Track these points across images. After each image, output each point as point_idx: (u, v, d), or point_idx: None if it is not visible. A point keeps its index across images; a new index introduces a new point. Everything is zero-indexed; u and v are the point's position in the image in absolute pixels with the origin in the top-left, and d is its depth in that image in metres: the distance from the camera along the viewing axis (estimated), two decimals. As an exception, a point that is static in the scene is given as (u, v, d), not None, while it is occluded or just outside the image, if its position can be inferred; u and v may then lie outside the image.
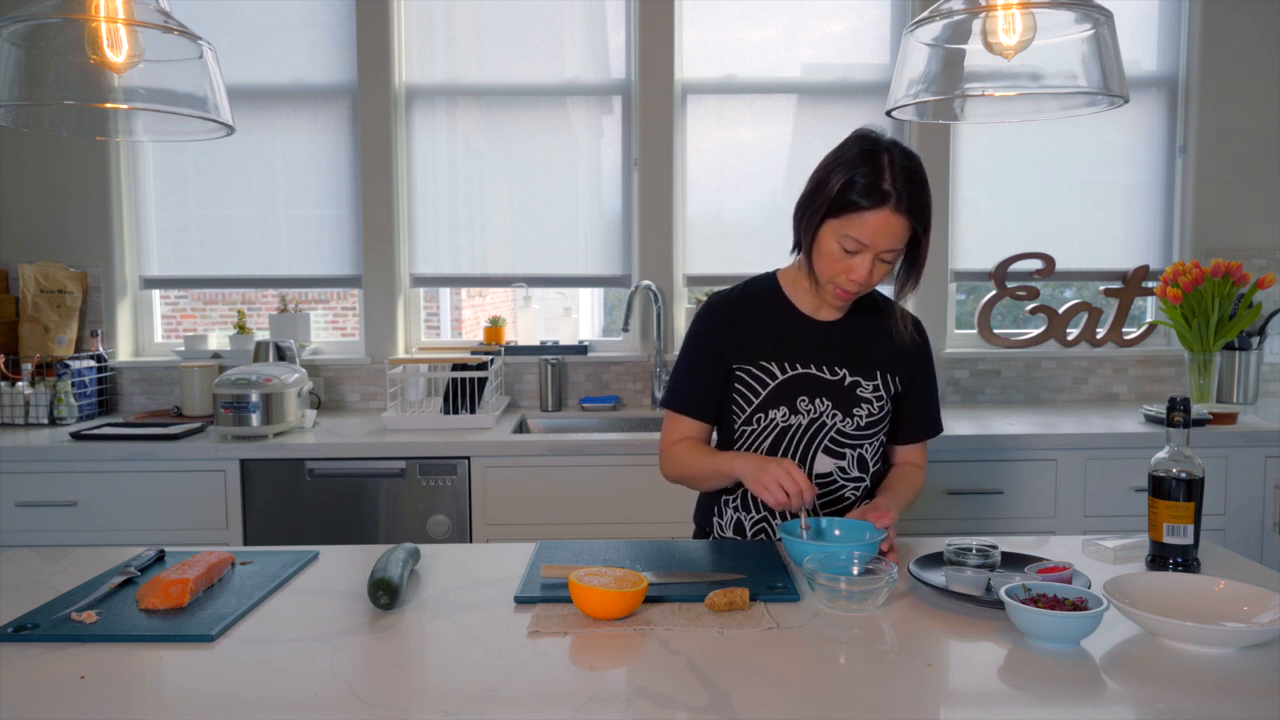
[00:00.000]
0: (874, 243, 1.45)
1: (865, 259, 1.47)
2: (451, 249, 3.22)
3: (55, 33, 1.42)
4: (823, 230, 1.49)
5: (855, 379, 1.59)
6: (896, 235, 1.45)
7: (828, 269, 1.51)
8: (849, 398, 1.59)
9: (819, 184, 1.49)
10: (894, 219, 1.43)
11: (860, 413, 1.59)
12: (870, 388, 1.60)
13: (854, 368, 1.60)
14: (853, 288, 1.51)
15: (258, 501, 2.54)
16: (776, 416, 1.58)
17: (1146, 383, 3.21)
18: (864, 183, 1.43)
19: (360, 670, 1.08)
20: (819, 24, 3.17)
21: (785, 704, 0.99)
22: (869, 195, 1.43)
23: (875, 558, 1.33)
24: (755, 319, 1.62)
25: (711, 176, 3.19)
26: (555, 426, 3.01)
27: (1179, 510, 1.39)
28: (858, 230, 1.45)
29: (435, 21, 3.15)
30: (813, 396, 1.58)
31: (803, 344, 1.60)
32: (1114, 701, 1.00)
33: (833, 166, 1.48)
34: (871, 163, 1.44)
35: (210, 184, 3.18)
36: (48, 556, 1.53)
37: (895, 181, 1.43)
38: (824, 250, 1.50)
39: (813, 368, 1.59)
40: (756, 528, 1.65)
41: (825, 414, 1.58)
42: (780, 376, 1.58)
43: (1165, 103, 3.19)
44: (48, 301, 3.02)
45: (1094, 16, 1.48)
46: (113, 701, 1.01)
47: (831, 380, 1.59)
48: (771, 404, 1.58)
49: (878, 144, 1.47)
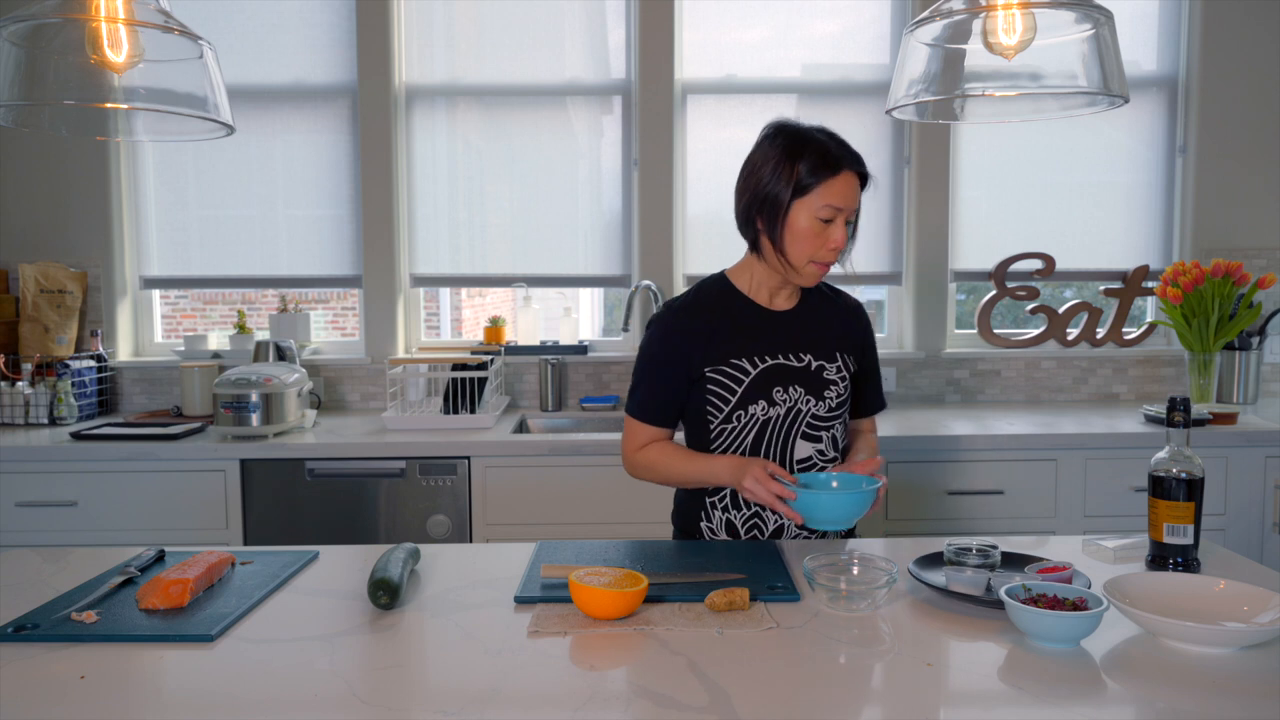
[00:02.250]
0: (847, 204, 1.55)
1: (839, 224, 1.55)
2: (451, 249, 3.22)
3: (55, 33, 1.42)
4: (793, 212, 1.55)
5: (820, 363, 1.65)
6: (857, 193, 1.57)
7: (805, 248, 1.56)
8: (818, 381, 1.64)
9: (764, 180, 1.56)
10: (852, 178, 1.55)
11: (830, 394, 1.65)
12: (834, 370, 1.66)
13: (817, 352, 1.66)
14: (832, 257, 1.57)
15: (258, 501, 2.54)
16: (756, 411, 1.62)
17: (1146, 383, 3.21)
18: (816, 160, 1.53)
19: (360, 670, 1.08)
20: (818, 24, 3.17)
21: (785, 704, 0.99)
22: (828, 164, 1.53)
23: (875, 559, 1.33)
24: (718, 321, 1.65)
25: (711, 176, 3.19)
26: (555, 426, 3.01)
27: (1179, 510, 1.39)
28: (831, 197, 1.53)
29: (435, 21, 3.15)
30: (786, 386, 1.62)
31: (768, 336, 1.65)
32: (1114, 701, 1.00)
33: (773, 162, 1.56)
34: (810, 141, 1.55)
35: (210, 184, 3.18)
36: (48, 556, 1.53)
37: (838, 148, 1.55)
38: (799, 230, 1.55)
39: (781, 357, 1.63)
40: (749, 525, 1.66)
41: (799, 400, 1.63)
42: (753, 371, 1.62)
43: (1165, 103, 3.19)
44: (48, 301, 3.02)
45: (1094, 16, 1.48)
46: (113, 701, 1.01)
47: (799, 367, 1.64)
48: (749, 399, 1.62)
49: (799, 127, 1.58)
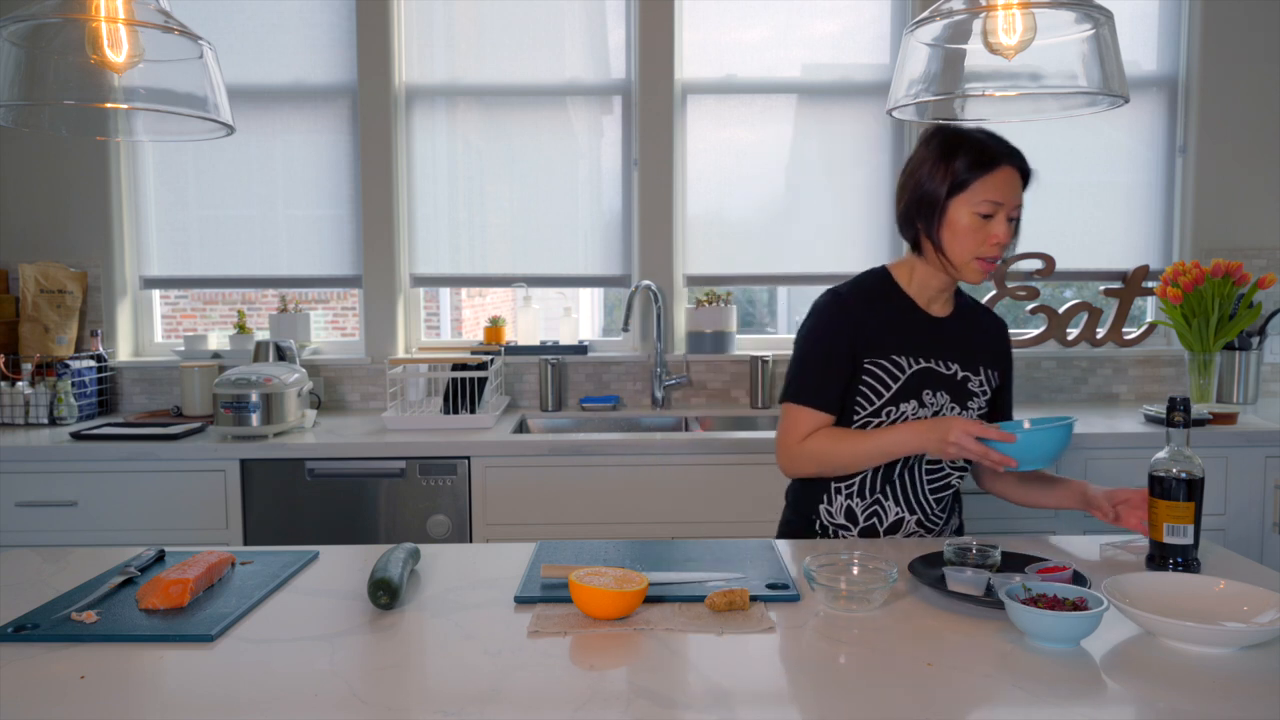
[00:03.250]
0: (1007, 199, 1.55)
1: (1001, 219, 1.56)
2: (451, 249, 3.22)
3: (55, 33, 1.42)
4: (951, 210, 1.57)
5: (966, 374, 1.67)
6: (1018, 188, 1.58)
7: (967, 245, 1.57)
8: (963, 391, 1.67)
9: (921, 181, 1.59)
10: (1012, 173, 1.56)
11: (972, 405, 1.67)
12: (977, 382, 1.68)
13: (964, 363, 1.67)
14: (996, 252, 1.58)
15: (258, 501, 2.54)
16: (907, 410, 1.63)
17: (1146, 383, 3.21)
18: (973, 157, 1.55)
19: (360, 670, 1.08)
20: (818, 24, 3.17)
21: (785, 704, 0.99)
22: (985, 160, 1.55)
23: (875, 559, 1.33)
24: (882, 314, 1.66)
25: (711, 176, 3.19)
26: (555, 426, 3.01)
27: (1179, 510, 1.39)
28: (990, 192, 1.54)
29: (435, 21, 3.15)
30: (934, 390, 1.64)
31: (923, 339, 1.66)
32: (1114, 701, 1.00)
33: (930, 163, 1.58)
34: (967, 141, 1.56)
35: (210, 184, 3.18)
36: (48, 556, 1.53)
37: (997, 145, 1.56)
38: (959, 228, 1.57)
39: (933, 362, 1.65)
40: (869, 512, 1.67)
41: (944, 407, 1.65)
42: (909, 370, 1.63)
43: (1165, 103, 3.19)
44: (48, 301, 3.02)
45: (1094, 16, 1.48)
46: (113, 701, 1.01)
47: (947, 374, 1.66)
48: (902, 397, 1.63)
49: (958, 129, 1.60)
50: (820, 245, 3.21)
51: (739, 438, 2.54)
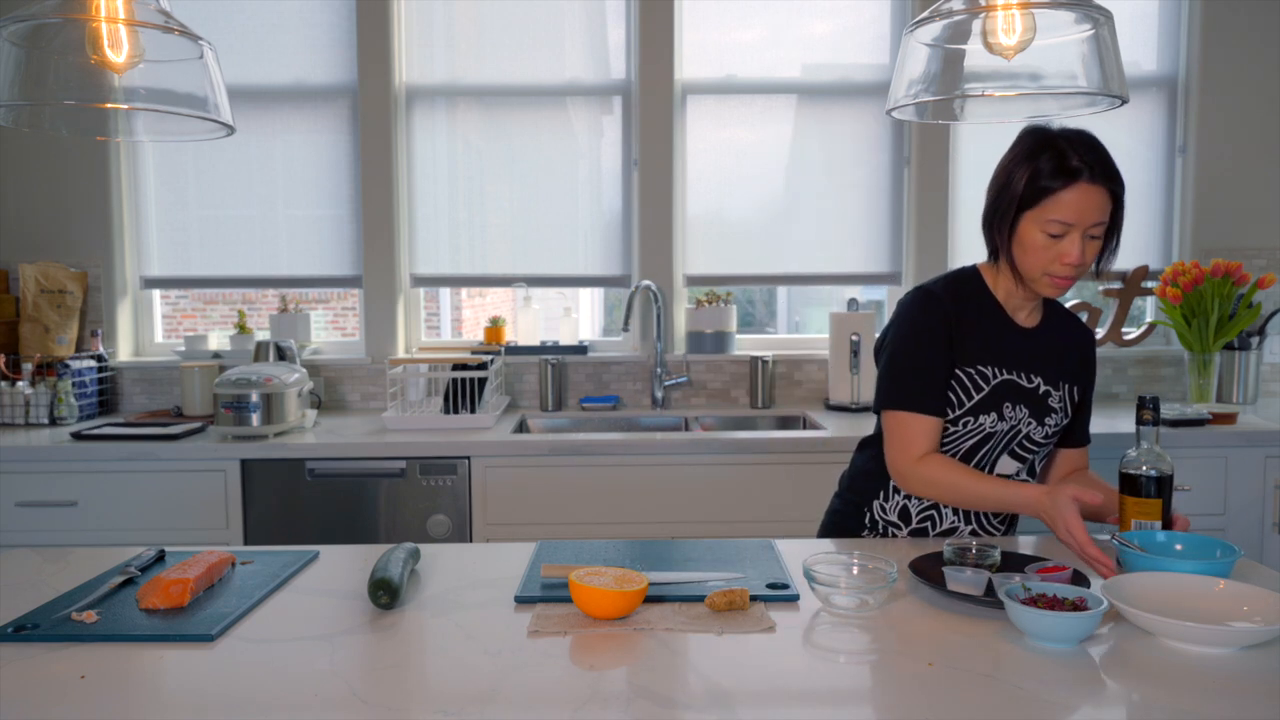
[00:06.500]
0: (1079, 220, 1.46)
1: (1074, 239, 1.47)
2: (451, 249, 3.22)
3: (55, 33, 1.42)
4: (1021, 225, 1.50)
5: (1048, 389, 1.59)
6: (1098, 207, 1.47)
7: (1036, 262, 1.50)
8: (1043, 407, 1.58)
9: (1003, 185, 1.52)
10: (1091, 190, 1.45)
11: (1050, 421, 1.59)
12: (1057, 398, 1.60)
13: (1046, 377, 1.60)
14: (1068, 271, 1.49)
15: (258, 501, 2.54)
16: (985, 422, 1.56)
17: (1146, 383, 3.21)
18: (1051, 166, 1.46)
19: (360, 670, 1.08)
20: (818, 24, 3.17)
21: (785, 704, 0.99)
22: (1059, 175, 1.45)
23: (875, 559, 1.33)
24: (972, 318, 1.58)
25: (711, 176, 3.19)
26: (555, 426, 3.01)
27: (1146, 506, 1.41)
28: (1058, 212, 1.46)
29: (435, 21, 3.15)
30: (1015, 403, 1.57)
31: (1009, 349, 1.59)
32: (1114, 701, 1.00)
33: (1012, 165, 1.51)
34: (1051, 147, 1.47)
35: (210, 184, 3.18)
36: (48, 556, 1.53)
37: (1081, 156, 1.45)
38: (1028, 244, 1.50)
39: (1015, 375, 1.58)
40: (923, 515, 1.63)
41: (1022, 421, 1.57)
42: (993, 380, 1.56)
43: (1165, 103, 3.19)
44: (48, 301, 3.02)
45: (1094, 17, 1.48)
46: (113, 701, 1.01)
47: (1029, 388, 1.58)
48: (983, 409, 1.56)
49: (1048, 131, 1.50)
50: (820, 245, 3.21)
51: (739, 438, 2.54)
